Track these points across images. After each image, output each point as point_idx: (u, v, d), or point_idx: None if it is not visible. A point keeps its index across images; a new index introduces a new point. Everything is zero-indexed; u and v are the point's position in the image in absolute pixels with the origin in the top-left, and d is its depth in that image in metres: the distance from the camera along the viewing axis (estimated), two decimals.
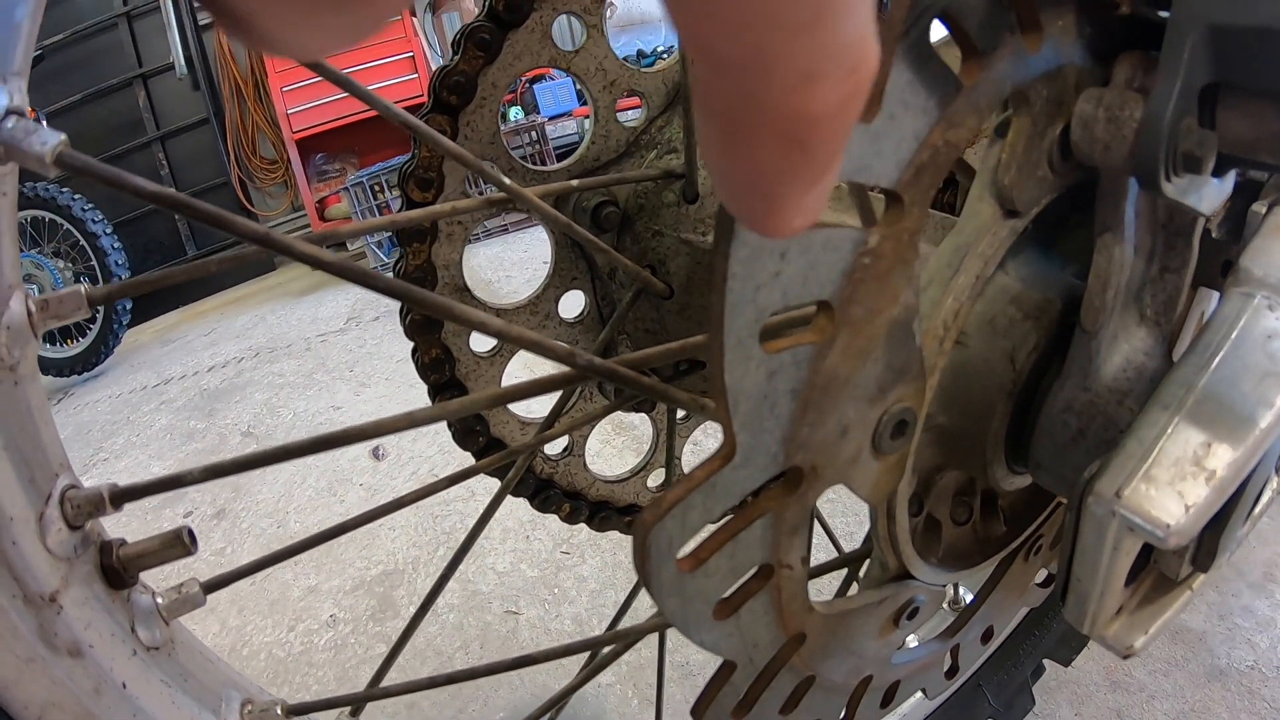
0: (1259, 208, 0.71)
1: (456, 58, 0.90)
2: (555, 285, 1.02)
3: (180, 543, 0.59)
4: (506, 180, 0.73)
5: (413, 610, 2.14)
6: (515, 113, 6.81)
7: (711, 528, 0.49)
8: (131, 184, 0.52)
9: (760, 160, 0.24)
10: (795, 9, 0.20)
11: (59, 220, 5.17)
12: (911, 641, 1.03)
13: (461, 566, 2.23)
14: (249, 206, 7.42)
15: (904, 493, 0.61)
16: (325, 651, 2.11)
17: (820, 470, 0.49)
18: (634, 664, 1.80)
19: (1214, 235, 0.75)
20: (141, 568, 0.58)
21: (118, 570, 0.57)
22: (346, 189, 6.42)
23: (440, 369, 0.99)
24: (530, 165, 0.96)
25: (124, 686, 0.55)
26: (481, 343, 1.01)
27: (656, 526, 0.44)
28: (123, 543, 0.59)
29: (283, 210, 7.49)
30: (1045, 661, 1.41)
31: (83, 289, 0.59)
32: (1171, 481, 0.55)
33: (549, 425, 0.88)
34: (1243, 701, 1.54)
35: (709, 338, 0.40)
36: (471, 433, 1.03)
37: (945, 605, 1.34)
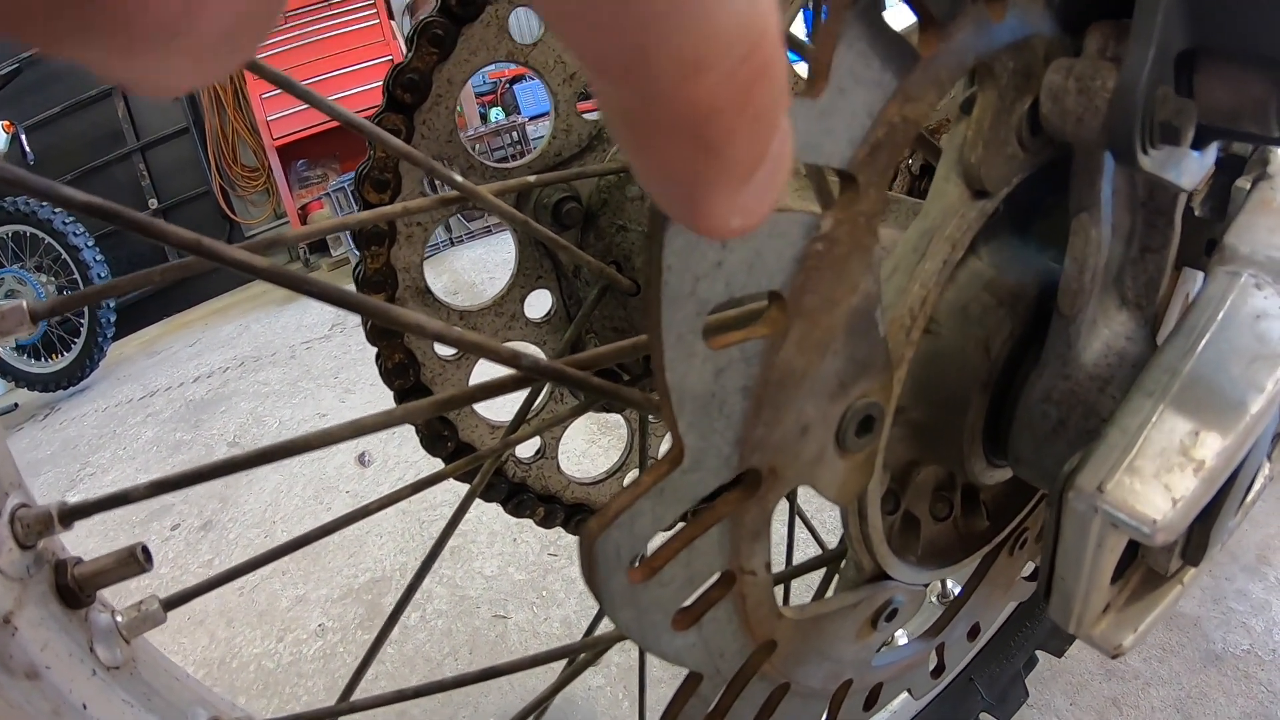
0: (1243, 183, 0.69)
1: (410, 55, 0.87)
2: (520, 285, 0.99)
3: (135, 560, 0.58)
4: (459, 178, 0.70)
5: (402, 617, 2.13)
6: (496, 113, 6.79)
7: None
8: (61, 195, 0.51)
9: (668, 163, 0.23)
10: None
11: (40, 235, 5.14)
12: (901, 638, 1.01)
13: (449, 571, 2.24)
14: (231, 215, 7.37)
15: (875, 491, 0.58)
16: (314, 661, 2.09)
17: (780, 472, 0.46)
18: (624, 665, 1.78)
19: (1197, 213, 0.72)
20: (97, 586, 0.58)
21: (73, 590, 0.56)
22: (328, 194, 6.41)
23: (404, 374, 0.96)
24: (490, 163, 0.93)
25: (84, 707, 0.54)
26: (445, 346, 0.98)
27: (602, 536, 0.41)
28: (78, 561, 0.58)
29: (265, 218, 7.44)
30: (1038, 653, 1.39)
31: (24, 304, 0.60)
32: (1157, 473, 0.53)
33: (514, 429, 0.85)
34: (1239, 686, 1.53)
35: (648, 334, 0.37)
36: (439, 438, 1.00)
37: (934, 599, 1.32)
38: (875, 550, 0.62)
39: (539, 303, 1.00)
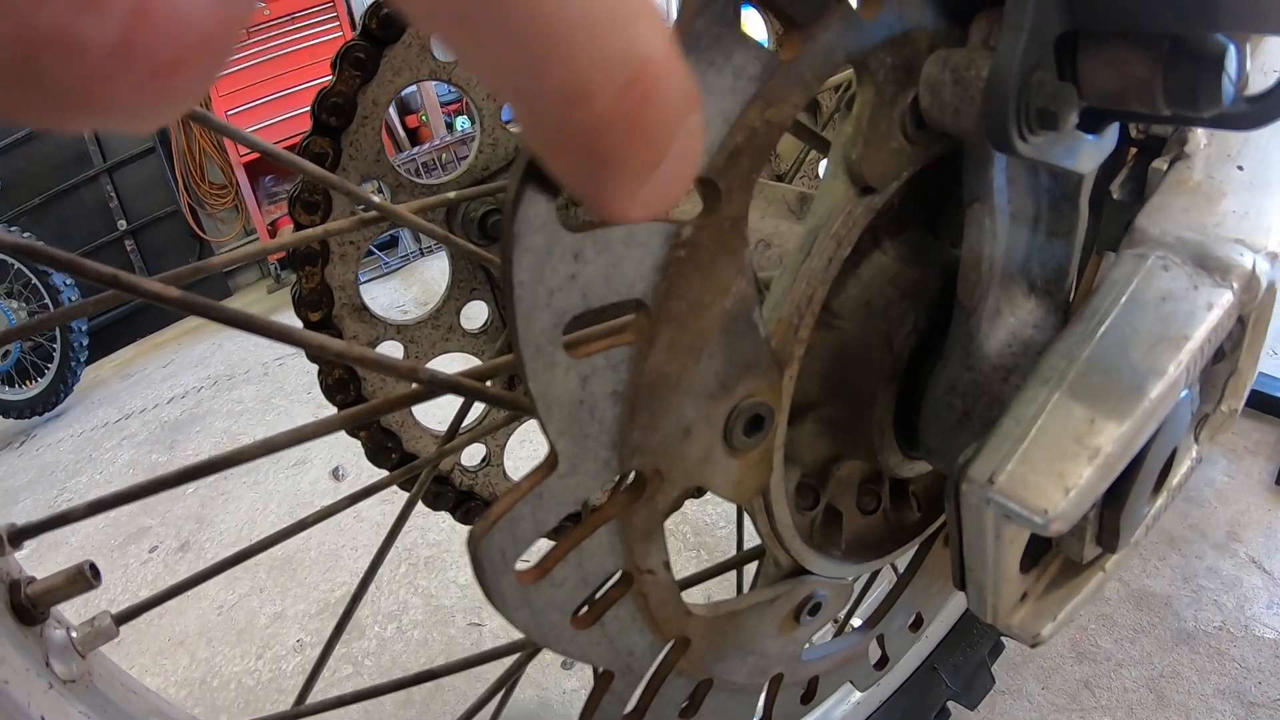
0: (1160, 164, 0.69)
1: (333, 79, 0.88)
2: (455, 297, 1.00)
3: (83, 577, 0.60)
4: (375, 198, 0.70)
5: (379, 629, 2.14)
6: (462, 122, 6.74)
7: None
8: None
9: (568, 171, 0.25)
10: (531, 43, 0.21)
11: (10, 260, 5.10)
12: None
13: (424, 582, 2.24)
14: (201, 233, 7.30)
15: (779, 487, 0.58)
16: (293, 677, 2.09)
17: (666, 473, 0.47)
18: None
19: (1115, 196, 0.72)
20: (50, 603, 0.60)
21: (26, 607, 0.59)
22: None
23: (345, 389, 0.97)
24: (418, 180, 0.94)
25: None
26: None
27: (485, 540, 0.41)
28: (31, 580, 0.60)
29: (235, 235, 7.36)
30: (1004, 640, 1.39)
31: None
32: (1050, 462, 0.52)
33: (449, 439, 0.86)
34: (1212, 663, 1.54)
35: (511, 346, 0.38)
36: (383, 450, 1.01)
37: None
38: (788, 546, 0.62)
39: (476, 314, 1.01)
